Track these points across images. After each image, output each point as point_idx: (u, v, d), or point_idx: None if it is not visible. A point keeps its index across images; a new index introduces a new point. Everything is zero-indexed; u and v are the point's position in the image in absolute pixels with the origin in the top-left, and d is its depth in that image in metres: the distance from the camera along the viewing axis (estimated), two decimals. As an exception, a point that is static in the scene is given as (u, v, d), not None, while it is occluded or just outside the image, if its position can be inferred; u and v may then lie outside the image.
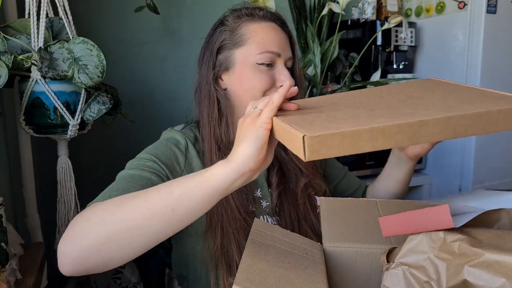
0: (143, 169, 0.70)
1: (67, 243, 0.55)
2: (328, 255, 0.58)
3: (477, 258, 0.42)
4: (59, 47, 0.89)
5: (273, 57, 0.76)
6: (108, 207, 0.55)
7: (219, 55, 0.79)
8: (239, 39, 0.77)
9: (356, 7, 1.69)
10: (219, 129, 0.78)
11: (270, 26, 0.78)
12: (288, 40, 0.80)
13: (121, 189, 0.64)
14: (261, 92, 0.76)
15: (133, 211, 0.53)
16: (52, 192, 1.04)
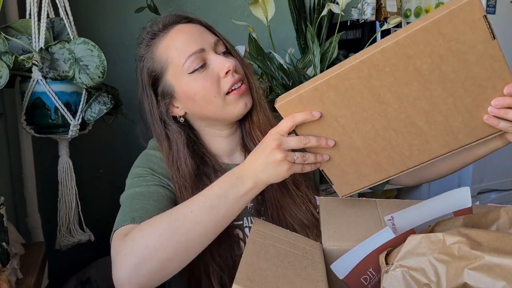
0: (148, 184, 0.70)
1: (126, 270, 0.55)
2: (327, 255, 0.59)
3: (477, 261, 0.42)
4: (60, 47, 0.89)
5: (199, 56, 0.71)
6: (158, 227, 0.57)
7: (157, 89, 0.76)
8: (161, 64, 0.74)
9: (355, 8, 1.69)
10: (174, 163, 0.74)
11: (176, 31, 0.74)
12: (203, 29, 0.75)
13: (139, 208, 0.65)
14: (214, 96, 0.72)
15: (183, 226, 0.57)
16: (53, 192, 1.04)
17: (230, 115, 0.75)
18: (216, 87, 0.72)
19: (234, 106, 0.74)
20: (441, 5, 1.60)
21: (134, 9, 1.28)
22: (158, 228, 0.56)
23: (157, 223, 0.57)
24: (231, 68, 0.71)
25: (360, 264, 0.53)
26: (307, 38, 1.42)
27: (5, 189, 0.97)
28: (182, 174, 0.73)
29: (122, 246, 0.57)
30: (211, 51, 0.73)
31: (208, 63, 0.72)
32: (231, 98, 0.73)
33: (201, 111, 0.75)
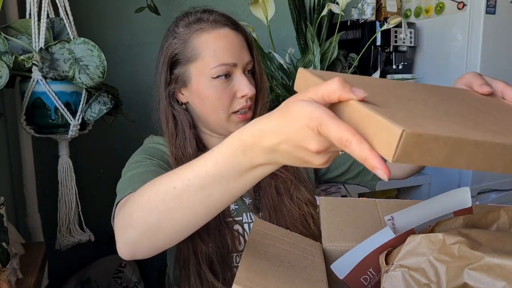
0: (146, 166, 0.70)
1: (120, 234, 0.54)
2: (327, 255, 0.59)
3: (477, 261, 0.42)
4: (60, 47, 0.90)
5: (229, 68, 0.73)
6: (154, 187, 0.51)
7: (174, 70, 0.76)
8: (191, 53, 0.74)
9: (355, 8, 1.69)
10: (174, 144, 0.76)
11: (222, 34, 0.74)
12: (244, 44, 0.76)
13: (140, 181, 0.63)
14: (222, 109, 0.74)
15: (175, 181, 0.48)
16: (53, 192, 1.04)
17: (226, 131, 0.77)
18: (228, 102, 0.74)
19: (233, 126, 0.76)
20: (441, 5, 1.60)
21: (134, 9, 1.28)
22: (140, 199, 0.51)
23: (141, 193, 0.52)
24: (248, 95, 0.74)
25: (360, 264, 0.53)
26: (307, 38, 1.43)
27: (5, 189, 0.97)
28: (187, 156, 0.75)
29: (118, 214, 0.57)
30: (240, 68, 0.74)
31: (232, 78, 0.74)
32: (235, 119, 0.76)
33: (204, 113, 0.77)
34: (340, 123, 0.35)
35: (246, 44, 0.77)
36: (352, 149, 0.34)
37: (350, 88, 0.36)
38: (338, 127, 0.34)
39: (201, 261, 0.71)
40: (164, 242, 0.52)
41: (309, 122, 0.36)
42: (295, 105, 0.37)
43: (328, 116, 0.35)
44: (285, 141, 0.38)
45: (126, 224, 0.53)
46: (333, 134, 0.34)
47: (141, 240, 0.52)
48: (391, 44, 1.61)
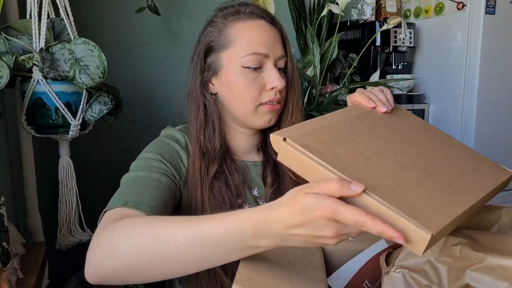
0: (151, 170, 0.69)
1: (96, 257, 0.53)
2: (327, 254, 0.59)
3: (479, 262, 0.42)
4: (60, 47, 0.90)
5: (260, 58, 0.73)
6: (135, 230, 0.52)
7: (208, 58, 0.77)
8: (225, 40, 0.74)
9: (355, 8, 1.69)
10: (203, 134, 0.76)
11: (257, 24, 0.74)
12: (279, 38, 0.76)
13: (134, 193, 0.63)
14: (250, 100, 0.74)
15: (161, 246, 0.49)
16: (54, 192, 1.05)
17: (251, 123, 0.77)
18: (256, 93, 0.74)
19: (259, 117, 0.76)
20: (440, 6, 1.60)
21: (135, 10, 1.28)
22: (134, 235, 0.51)
23: (137, 230, 0.51)
24: (278, 87, 0.74)
25: (356, 277, 0.54)
26: (307, 38, 1.43)
27: (5, 189, 0.98)
28: (213, 148, 0.75)
29: (101, 233, 0.55)
30: (272, 61, 0.74)
31: (263, 69, 0.74)
32: (262, 110, 0.75)
33: (230, 103, 0.76)
34: (351, 209, 0.39)
35: (280, 39, 0.77)
36: (368, 228, 0.39)
37: (349, 186, 0.40)
38: (351, 212, 0.39)
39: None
40: (141, 280, 0.53)
41: (323, 212, 0.40)
42: (304, 198, 0.41)
43: (338, 205, 0.39)
44: (301, 227, 0.42)
45: (108, 252, 0.52)
46: (348, 219, 0.39)
47: (119, 273, 0.52)
48: (391, 45, 1.61)
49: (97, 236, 0.55)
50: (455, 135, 1.60)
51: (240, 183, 0.76)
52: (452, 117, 1.60)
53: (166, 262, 0.49)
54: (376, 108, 0.61)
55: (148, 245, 0.49)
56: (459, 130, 1.58)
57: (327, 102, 1.36)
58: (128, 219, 0.55)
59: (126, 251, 0.50)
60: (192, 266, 0.49)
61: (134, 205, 0.60)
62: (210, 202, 0.72)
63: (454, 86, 1.57)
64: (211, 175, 0.74)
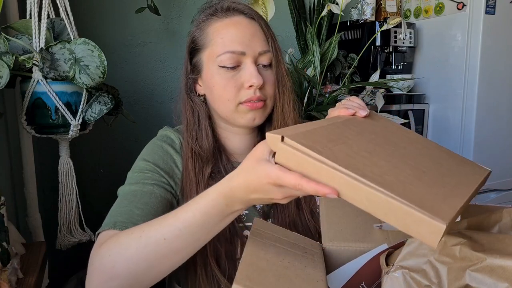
0: (144, 183, 0.69)
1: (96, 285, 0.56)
2: (327, 254, 0.59)
3: (479, 263, 0.42)
4: (60, 47, 0.90)
5: (236, 56, 0.70)
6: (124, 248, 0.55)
7: (193, 59, 0.77)
8: (204, 40, 0.73)
9: (355, 8, 1.70)
10: (191, 135, 0.76)
11: (233, 21, 0.72)
12: (259, 33, 0.73)
13: (124, 212, 0.64)
14: (228, 99, 0.72)
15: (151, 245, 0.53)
16: (54, 192, 1.05)
17: (236, 122, 0.75)
18: (234, 93, 0.72)
19: (241, 116, 0.74)
20: (440, 6, 1.60)
21: (134, 10, 1.28)
22: (125, 251, 0.54)
23: (125, 245, 0.54)
24: (254, 85, 0.71)
25: (353, 278, 0.54)
26: (307, 38, 1.43)
27: (5, 189, 0.98)
28: (204, 149, 0.75)
29: (94, 259, 0.57)
30: (250, 57, 0.71)
31: (241, 67, 0.72)
32: (242, 109, 0.73)
33: (213, 104, 0.76)
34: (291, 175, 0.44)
35: (262, 35, 0.74)
36: (305, 190, 0.43)
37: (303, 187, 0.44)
38: (291, 178, 0.44)
39: (209, 254, 0.71)
40: (149, 283, 0.55)
41: (269, 180, 0.46)
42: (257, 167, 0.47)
43: (281, 171, 0.45)
44: (255, 192, 0.48)
45: (106, 276, 0.54)
46: (288, 183, 0.44)
47: (122, 287, 0.54)
48: (391, 44, 1.61)
49: (91, 263, 0.57)
50: (455, 135, 1.61)
51: None
52: (452, 117, 1.60)
53: (165, 259, 0.53)
54: (356, 114, 0.61)
55: (142, 255, 0.53)
56: (459, 130, 1.58)
57: (327, 102, 1.36)
58: (110, 239, 0.57)
59: (124, 267, 0.53)
60: (190, 250, 0.54)
61: (122, 226, 0.61)
62: None
63: (454, 86, 1.57)
64: (207, 175, 0.74)
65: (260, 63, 0.73)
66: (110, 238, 0.57)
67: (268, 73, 0.74)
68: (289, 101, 0.77)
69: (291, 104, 0.78)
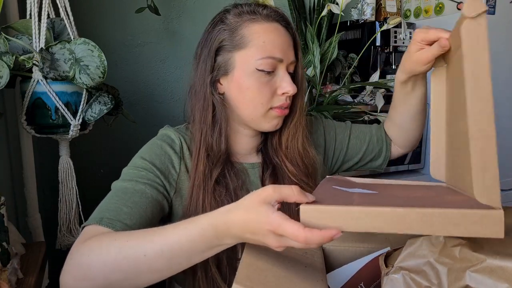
0: (137, 181, 0.68)
1: (69, 280, 0.55)
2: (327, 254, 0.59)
3: (479, 263, 0.42)
4: (60, 47, 0.90)
5: (275, 63, 0.72)
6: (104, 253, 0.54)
7: (218, 57, 0.74)
8: (239, 41, 0.72)
9: (355, 8, 1.70)
10: (211, 136, 0.74)
11: (273, 27, 0.73)
12: (291, 42, 0.75)
13: (113, 209, 0.63)
14: (261, 103, 0.73)
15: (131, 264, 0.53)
16: (54, 192, 1.05)
17: (258, 126, 0.76)
18: (268, 97, 0.73)
19: (268, 121, 0.75)
20: (440, 6, 1.60)
21: (134, 10, 1.28)
22: (104, 257, 0.53)
23: (105, 250, 0.54)
24: (289, 93, 0.73)
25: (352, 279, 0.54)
26: (307, 38, 1.43)
27: (5, 189, 0.97)
28: (219, 150, 0.74)
29: (74, 254, 0.56)
30: (285, 65, 0.74)
31: (275, 73, 0.73)
32: (272, 114, 0.75)
33: (239, 105, 0.75)
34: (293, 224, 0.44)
35: (293, 44, 0.76)
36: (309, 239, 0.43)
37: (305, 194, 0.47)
38: (291, 227, 0.44)
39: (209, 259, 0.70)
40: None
41: (270, 227, 0.45)
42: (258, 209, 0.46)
43: (283, 220, 0.44)
44: (251, 233, 0.47)
45: (81, 274, 0.54)
46: (289, 233, 0.44)
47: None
48: (391, 45, 1.61)
49: (70, 257, 0.56)
50: (455, 135, 1.60)
51: (239, 188, 0.75)
52: (452, 117, 1.59)
53: (141, 275, 0.52)
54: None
55: (119, 265, 0.52)
56: (459, 130, 1.58)
57: (327, 102, 1.36)
58: (94, 238, 0.56)
59: (99, 271, 0.53)
60: (166, 273, 0.53)
61: (108, 223, 0.61)
62: (212, 207, 0.71)
63: (454, 86, 1.56)
64: (214, 178, 0.73)
65: (289, 70, 0.75)
66: (94, 238, 0.57)
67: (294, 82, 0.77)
68: (303, 108, 0.81)
69: (304, 110, 0.82)
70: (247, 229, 0.47)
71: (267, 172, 0.80)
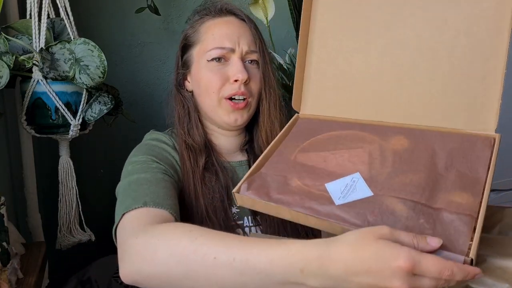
0: (153, 172, 0.67)
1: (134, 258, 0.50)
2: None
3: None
4: (60, 47, 0.90)
5: (225, 52, 0.75)
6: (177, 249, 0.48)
7: (184, 55, 0.81)
8: (195, 37, 0.78)
9: (355, 8, 1.69)
10: (184, 129, 0.78)
11: (224, 20, 0.78)
12: (248, 34, 0.77)
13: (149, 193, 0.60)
14: (213, 92, 0.75)
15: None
16: (54, 192, 1.05)
17: (220, 119, 0.77)
18: (219, 85, 0.75)
19: (224, 114, 0.77)
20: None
21: (134, 10, 1.28)
22: (173, 244, 0.48)
23: (176, 239, 0.48)
24: (239, 79, 0.74)
25: None
26: (307, 38, 1.42)
27: (5, 189, 0.98)
28: (197, 142, 0.76)
29: (138, 235, 0.52)
30: (238, 55, 0.76)
31: (228, 63, 0.76)
32: (225, 106, 0.76)
33: (199, 98, 0.79)
34: (434, 258, 0.36)
35: (251, 36, 0.78)
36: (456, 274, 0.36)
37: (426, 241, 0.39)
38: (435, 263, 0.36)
39: None
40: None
41: (403, 264, 0.36)
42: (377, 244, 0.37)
43: (420, 255, 0.36)
44: (367, 275, 0.37)
45: (146, 256, 0.49)
46: (432, 270, 0.36)
47: (153, 280, 0.49)
48: (391, 44, 1.61)
49: (132, 238, 0.52)
50: (455, 135, 1.60)
51: (229, 181, 0.77)
52: (452, 117, 1.59)
53: (201, 279, 0.46)
54: None
55: (186, 257, 0.46)
56: (459, 130, 1.58)
57: (327, 102, 1.36)
58: (169, 224, 0.53)
59: (164, 258, 0.47)
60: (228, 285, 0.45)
61: (155, 204, 0.58)
62: (203, 192, 0.73)
63: (454, 86, 1.56)
64: (201, 166, 0.75)
65: (246, 59, 0.77)
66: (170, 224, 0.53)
67: (255, 71, 0.78)
68: (276, 102, 0.80)
69: (277, 105, 0.80)
70: (358, 269, 0.37)
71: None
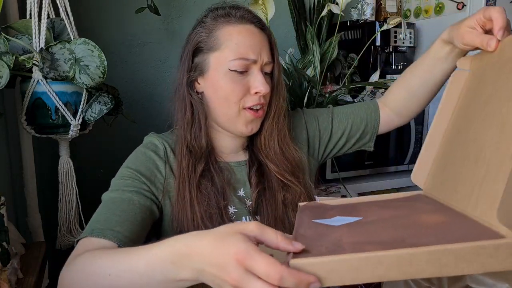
0: (123, 190, 0.70)
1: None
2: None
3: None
4: (60, 47, 0.90)
5: (248, 64, 0.74)
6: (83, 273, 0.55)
7: (195, 58, 0.78)
8: (214, 42, 0.75)
9: (355, 8, 1.70)
10: (190, 133, 0.77)
11: (246, 29, 0.75)
12: (267, 44, 0.77)
13: (102, 220, 0.65)
14: (234, 102, 0.75)
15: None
16: (54, 192, 1.05)
17: (234, 128, 0.78)
18: (240, 95, 0.75)
19: (243, 124, 0.77)
20: (440, 6, 1.60)
21: (134, 10, 1.28)
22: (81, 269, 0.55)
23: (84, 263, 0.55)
24: (261, 92, 0.74)
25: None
26: (307, 38, 1.43)
27: (5, 189, 0.98)
28: (200, 146, 0.76)
29: (65, 268, 0.58)
30: (259, 66, 0.75)
31: (249, 73, 0.75)
32: (246, 115, 0.76)
33: (215, 105, 0.77)
34: (268, 257, 0.38)
35: (268, 45, 0.78)
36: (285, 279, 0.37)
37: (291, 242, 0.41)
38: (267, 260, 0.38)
39: None
40: None
41: (238, 255, 0.38)
42: (233, 235, 0.40)
43: (257, 251, 0.38)
44: (214, 266, 0.40)
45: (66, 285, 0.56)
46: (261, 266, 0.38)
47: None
48: (391, 45, 1.61)
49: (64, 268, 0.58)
50: (455, 135, 1.60)
51: (225, 183, 0.77)
52: (452, 117, 1.59)
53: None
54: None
55: (89, 280, 0.52)
56: (459, 130, 1.58)
57: (327, 102, 1.36)
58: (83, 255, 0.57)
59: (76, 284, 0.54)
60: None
61: (100, 233, 0.62)
62: (198, 200, 0.73)
63: (454, 86, 1.56)
64: (198, 173, 0.75)
65: (264, 70, 0.77)
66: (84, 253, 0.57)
67: (269, 80, 0.78)
68: (281, 108, 0.81)
69: (281, 110, 0.82)
70: (211, 259, 0.40)
71: (253, 170, 0.81)
